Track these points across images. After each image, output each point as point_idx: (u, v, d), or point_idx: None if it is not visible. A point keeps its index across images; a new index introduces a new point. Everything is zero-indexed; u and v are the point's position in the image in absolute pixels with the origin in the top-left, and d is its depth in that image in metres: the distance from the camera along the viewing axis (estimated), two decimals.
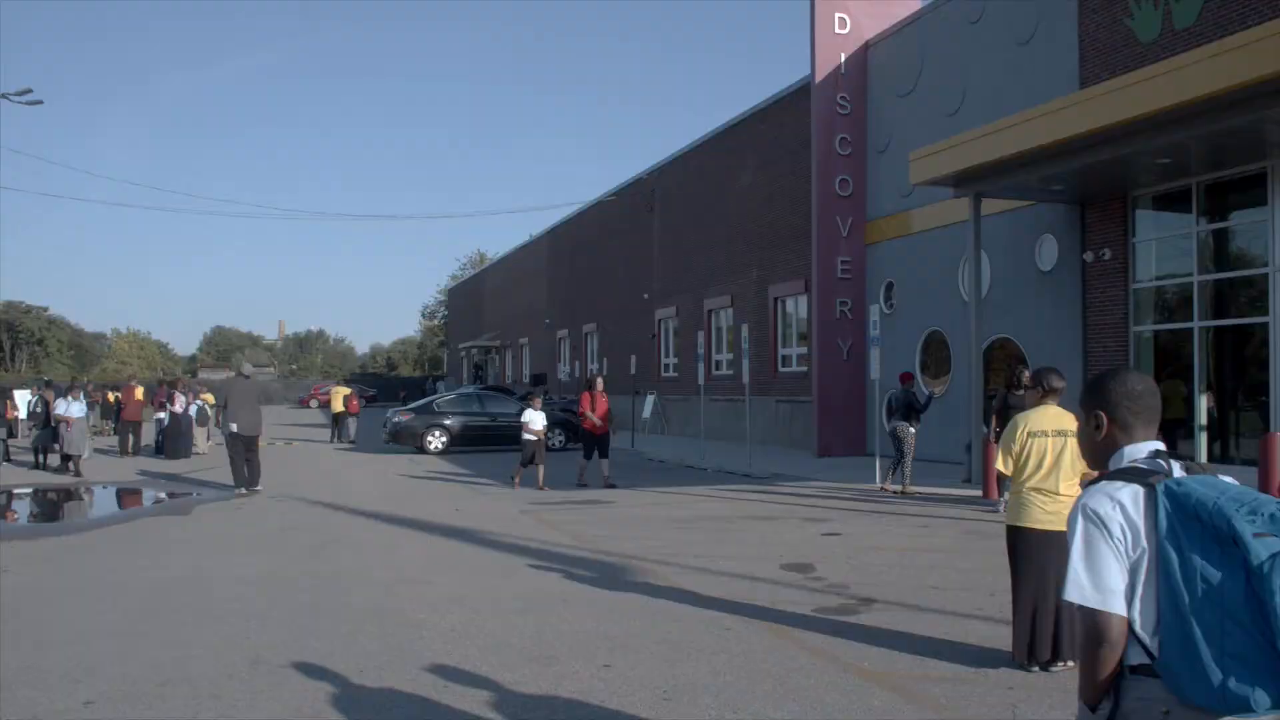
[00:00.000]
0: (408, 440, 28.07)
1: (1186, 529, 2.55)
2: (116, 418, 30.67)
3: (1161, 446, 2.85)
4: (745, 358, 23.50)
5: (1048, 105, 15.43)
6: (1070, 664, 6.56)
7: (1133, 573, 2.65)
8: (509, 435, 28.71)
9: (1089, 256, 18.17)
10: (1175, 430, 17.25)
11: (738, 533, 12.98)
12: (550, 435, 28.99)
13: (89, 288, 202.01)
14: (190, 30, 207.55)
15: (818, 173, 25.04)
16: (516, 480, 18.58)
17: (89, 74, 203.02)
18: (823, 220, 25.05)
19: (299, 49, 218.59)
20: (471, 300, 73.11)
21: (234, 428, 17.92)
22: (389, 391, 75.38)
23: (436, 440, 27.97)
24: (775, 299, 28.80)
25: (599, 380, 19.16)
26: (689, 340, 32.13)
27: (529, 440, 18.51)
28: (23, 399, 30.02)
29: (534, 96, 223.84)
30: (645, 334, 37.97)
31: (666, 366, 37.05)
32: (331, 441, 33.59)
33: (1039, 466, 6.66)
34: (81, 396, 23.41)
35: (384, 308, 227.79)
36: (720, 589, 9.38)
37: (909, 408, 16.95)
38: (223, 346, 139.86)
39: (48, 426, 23.86)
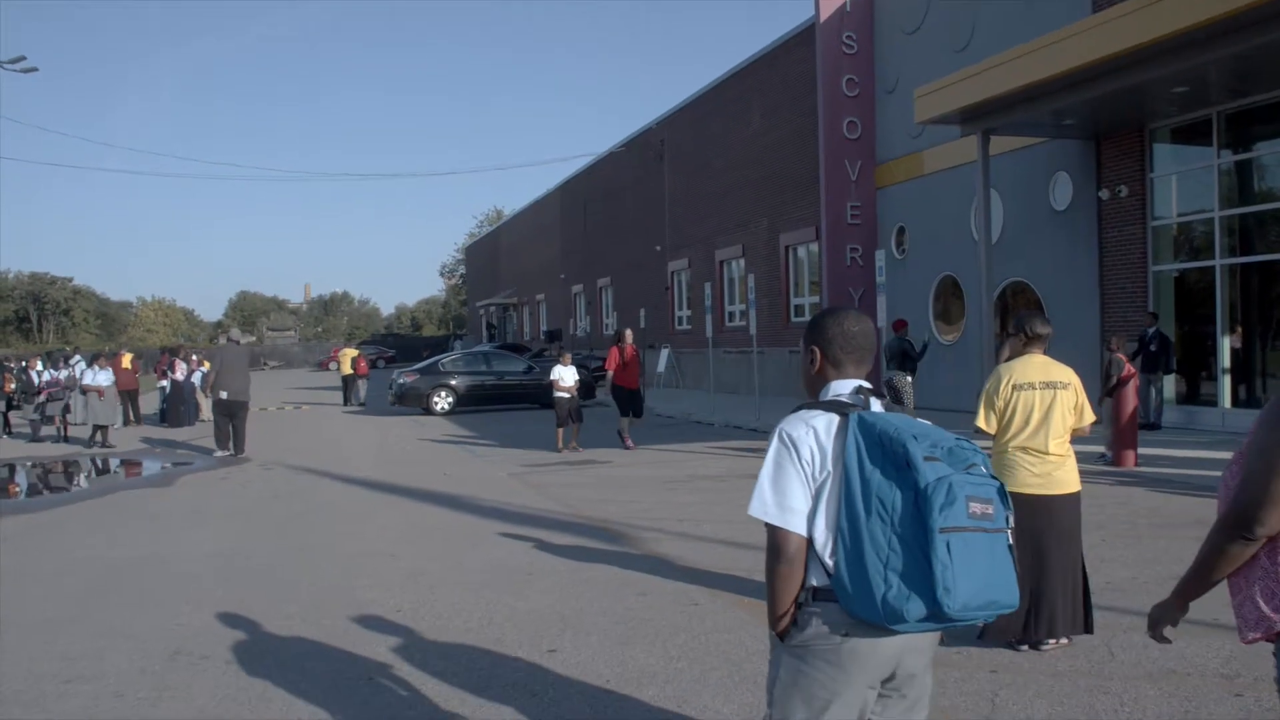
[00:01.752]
0: (413, 402, 27.54)
1: (871, 454, 2.69)
2: None
3: (867, 385, 2.96)
4: (752, 309, 22.77)
5: (1056, 33, 14.52)
6: (1064, 641, 5.91)
7: (817, 495, 2.77)
8: (516, 394, 28.32)
9: (1105, 194, 17.33)
10: (1198, 373, 16.50)
11: (731, 494, 12.35)
12: None
13: (114, 257, 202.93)
14: None
15: (824, 115, 24.18)
16: (560, 442, 17.72)
17: (110, 43, 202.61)
18: (830, 164, 24.23)
19: (315, 13, 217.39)
20: (488, 258, 72.48)
21: (223, 394, 17.52)
22: (412, 352, 74.75)
23: (442, 401, 27.44)
24: (786, 247, 28.03)
25: (628, 334, 18.19)
26: (701, 292, 31.44)
27: (561, 399, 17.75)
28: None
29: (544, 50, 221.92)
30: (659, 287, 37.29)
31: (680, 319, 36.37)
32: (345, 404, 33.14)
33: (1025, 423, 5.96)
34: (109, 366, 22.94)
35: (408, 268, 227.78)
36: (699, 557, 8.78)
37: (904, 356, 16.24)
38: (248, 311, 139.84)
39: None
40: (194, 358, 28.35)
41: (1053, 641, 5.91)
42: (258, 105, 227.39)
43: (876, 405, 2.91)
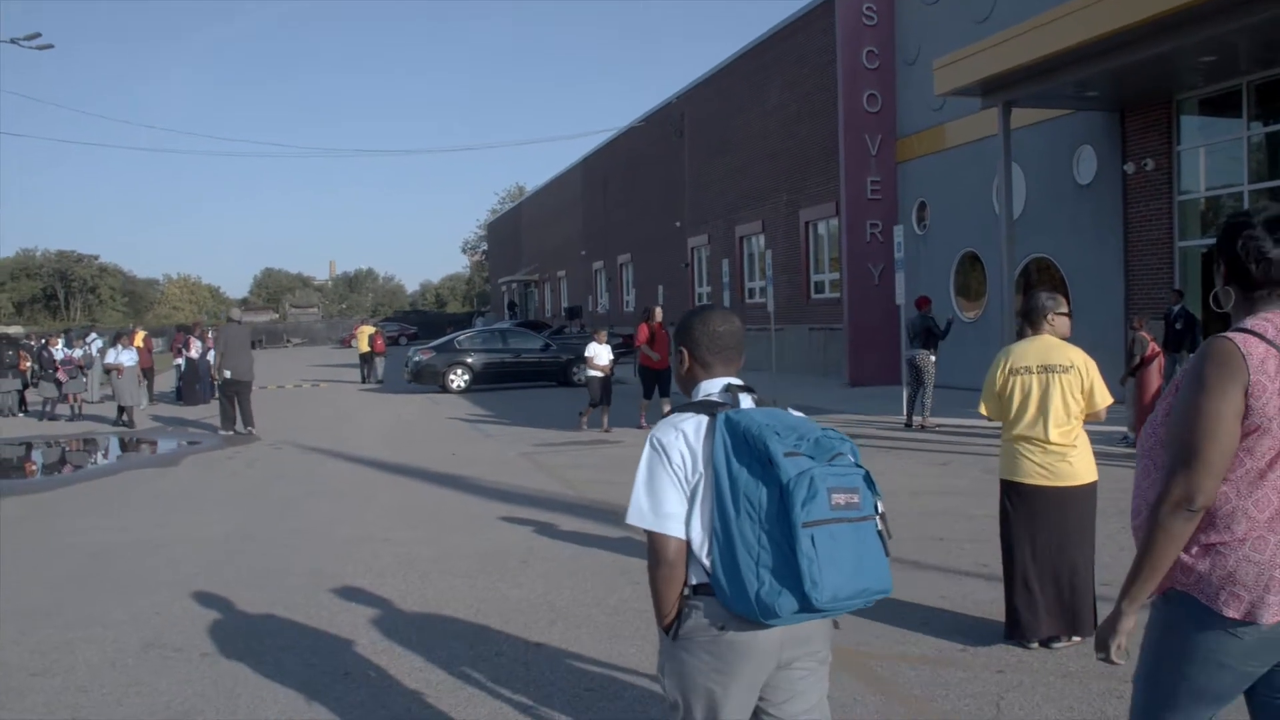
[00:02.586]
0: (429, 379, 27.29)
1: (738, 453, 2.72)
2: None
3: (736, 381, 2.99)
4: (770, 285, 22.39)
5: (1079, 0, 14.04)
6: (1076, 640, 5.58)
7: (692, 497, 2.79)
8: (533, 372, 28.03)
9: (1130, 168, 16.85)
10: None
11: None
12: (576, 370, 28.25)
13: (140, 235, 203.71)
14: None
15: (844, 87, 23.71)
16: (586, 422, 17.37)
17: (135, 21, 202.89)
18: (850, 138, 23.77)
19: None
20: (510, 234, 72.14)
21: (228, 374, 17.38)
22: (435, 329, 74.32)
23: (458, 379, 27.19)
24: (806, 223, 27.59)
25: (658, 310, 17.56)
26: (721, 269, 31.04)
27: (594, 377, 17.33)
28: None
29: (564, 24, 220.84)
30: (679, 263, 36.91)
31: (700, 296, 35.96)
32: (363, 382, 32.98)
33: (1023, 411, 5.59)
34: (132, 345, 22.80)
35: (433, 244, 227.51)
36: None
37: (928, 334, 15.82)
38: (273, 288, 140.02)
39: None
40: (209, 335, 28.21)
41: (1066, 640, 5.59)
42: (282, 81, 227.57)
43: (747, 401, 2.96)
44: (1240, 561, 2.52)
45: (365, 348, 33.22)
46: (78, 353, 24.90)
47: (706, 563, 2.77)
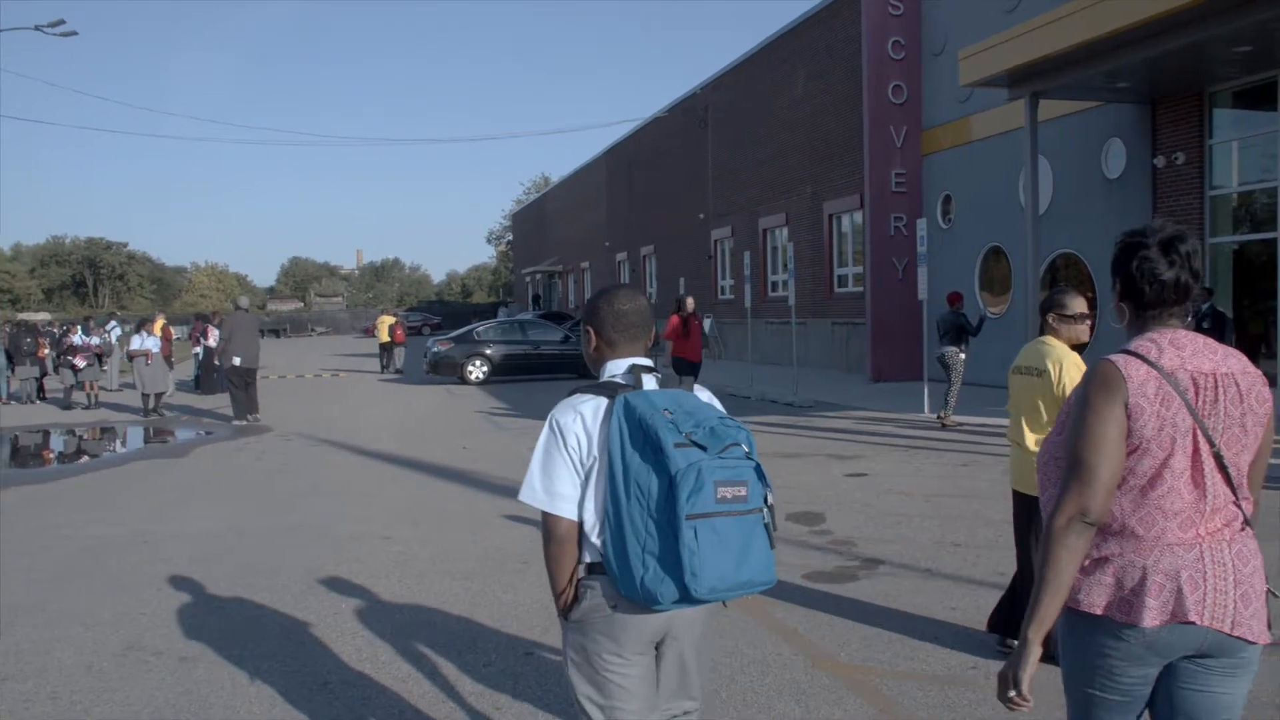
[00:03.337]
0: (448, 371, 27.06)
1: (633, 439, 2.74)
2: None
3: (642, 361, 3.00)
4: (791, 278, 22.06)
5: None
6: None
7: (586, 479, 2.84)
8: (553, 364, 27.74)
9: (1160, 161, 16.42)
10: (1257, 351, 15.64)
11: None
12: None
13: (169, 223, 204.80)
14: None
15: (869, 79, 23.31)
16: None
17: (163, 8, 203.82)
18: (875, 130, 23.38)
19: None
20: (535, 225, 71.91)
21: (236, 361, 17.25)
22: (460, 319, 74.04)
23: (477, 370, 26.96)
24: (830, 216, 27.23)
25: (689, 301, 16.81)
26: (744, 261, 30.71)
27: None
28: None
29: (590, 16, 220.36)
30: (702, 256, 36.59)
31: (723, 289, 35.66)
32: (382, 371, 32.85)
33: (1012, 414, 5.44)
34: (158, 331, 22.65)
35: (459, 235, 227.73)
36: None
37: (959, 330, 15.44)
38: (299, 277, 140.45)
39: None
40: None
41: None
42: (312, 69, 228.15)
43: (650, 383, 2.96)
44: (1125, 567, 2.59)
45: (385, 338, 33.12)
46: (95, 340, 24.77)
47: (598, 544, 2.83)
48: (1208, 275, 15.84)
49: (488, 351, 27.30)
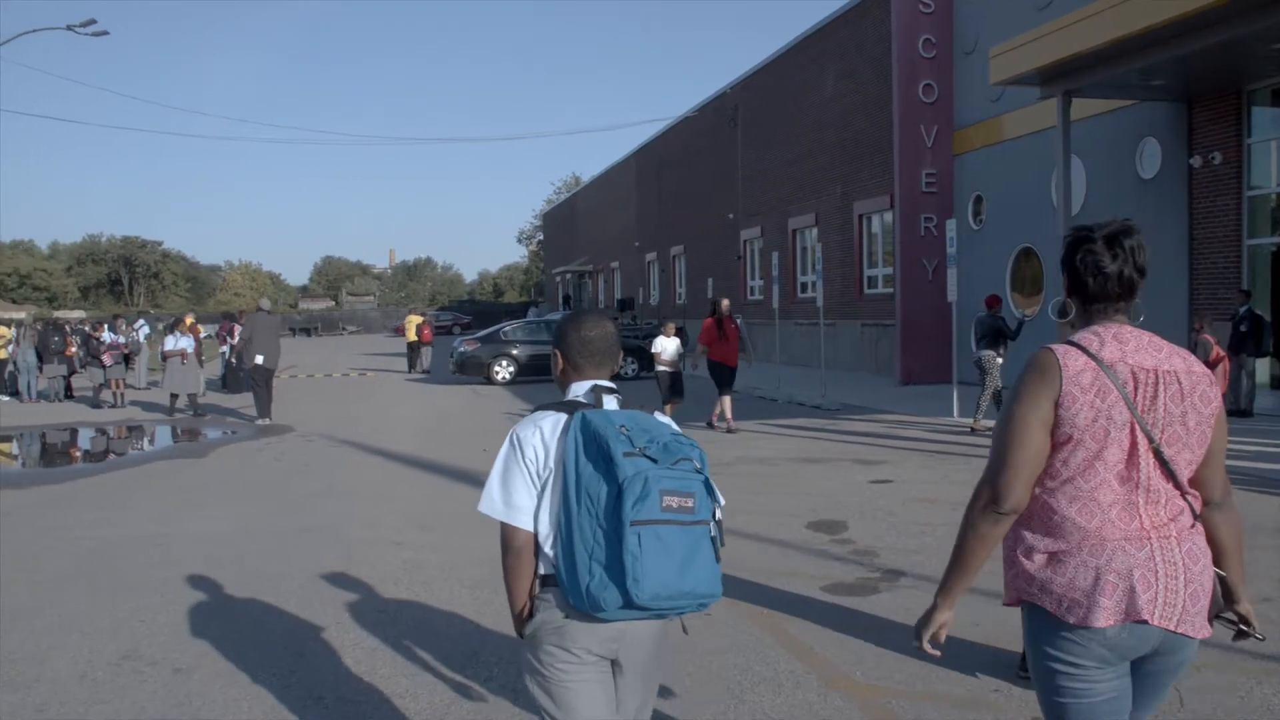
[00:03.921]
0: (474, 371, 26.95)
1: (587, 450, 2.80)
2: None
3: (604, 384, 3.10)
4: (820, 279, 21.79)
5: None
6: None
7: (542, 491, 2.90)
8: None
9: (1196, 161, 16.07)
10: None
11: (776, 479, 11.54)
12: (623, 364, 27.83)
13: (204, 222, 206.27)
14: None
15: (899, 78, 23.01)
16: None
17: (196, 7, 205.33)
18: (905, 129, 23.08)
19: None
20: (565, 225, 71.85)
21: (259, 360, 17.18)
22: (490, 319, 73.82)
23: (503, 370, 26.83)
24: (860, 216, 26.94)
25: (725, 303, 16.43)
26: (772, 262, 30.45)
27: (662, 373, 16.22)
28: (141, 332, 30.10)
29: (623, 17, 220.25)
30: (731, 256, 36.34)
31: (752, 289, 35.39)
32: (410, 371, 32.81)
33: None
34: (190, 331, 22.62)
35: (491, 234, 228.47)
36: (725, 556, 7.96)
37: (997, 334, 15.09)
38: (332, 276, 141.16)
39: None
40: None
41: None
42: (346, 69, 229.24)
43: (610, 403, 3.03)
44: (1079, 568, 2.58)
45: (413, 337, 33.10)
46: (121, 339, 24.79)
47: (551, 555, 2.88)
48: (1245, 278, 15.48)
49: (514, 352, 27.17)
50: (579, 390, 3.10)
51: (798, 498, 10.37)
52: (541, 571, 2.93)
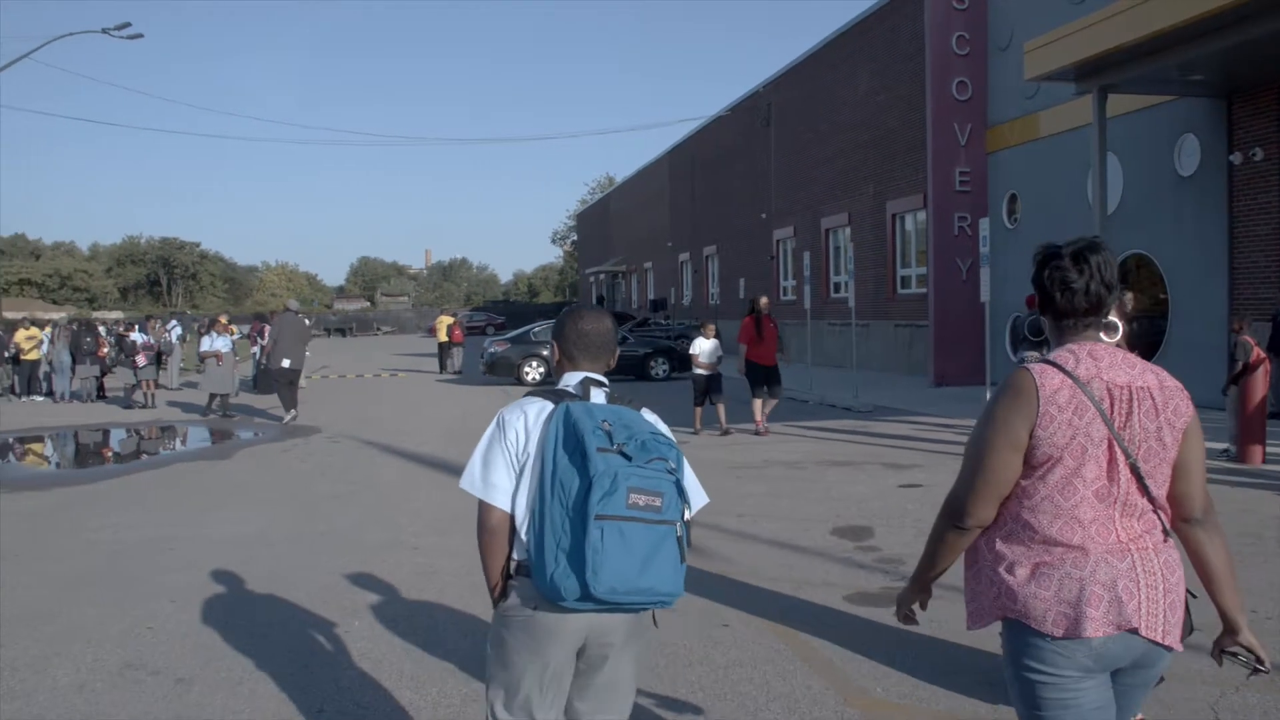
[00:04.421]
0: (504, 371, 26.84)
1: (566, 442, 2.88)
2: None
3: (595, 376, 3.17)
4: (850, 279, 21.53)
5: None
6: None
7: (521, 475, 3.00)
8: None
9: (1236, 158, 15.70)
10: None
11: (804, 483, 11.32)
12: (654, 364, 27.65)
13: (241, 223, 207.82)
14: None
15: (933, 75, 22.70)
16: (698, 422, 16.03)
17: (233, 10, 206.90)
18: (939, 127, 22.76)
19: None
20: (599, 225, 71.75)
21: (285, 363, 17.12)
22: (524, 319, 73.59)
23: (534, 371, 26.70)
24: (893, 215, 26.63)
25: (764, 302, 16.00)
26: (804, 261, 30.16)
27: (698, 375, 15.92)
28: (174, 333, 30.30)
29: (655, 18, 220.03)
30: (764, 256, 36.07)
31: (785, 289, 35.11)
32: (441, 372, 32.76)
33: None
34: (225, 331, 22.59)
35: (526, 234, 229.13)
36: (745, 562, 7.81)
37: (1038, 334, 14.80)
38: (368, 277, 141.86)
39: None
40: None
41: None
42: (380, 72, 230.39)
43: (598, 396, 3.11)
44: (1063, 579, 2.58)
45: (444, 337, 33.05)
46: (151, 339, 24.84)
47: (526, 540, 2.95)
48: None
49: (544, 352, 27.00)
50: (570, 381, 3.18)
51: (824, 502, 10.15)
52: (517, 558, 2.99)
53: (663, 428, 3.13)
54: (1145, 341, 17.18)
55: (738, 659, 5.66)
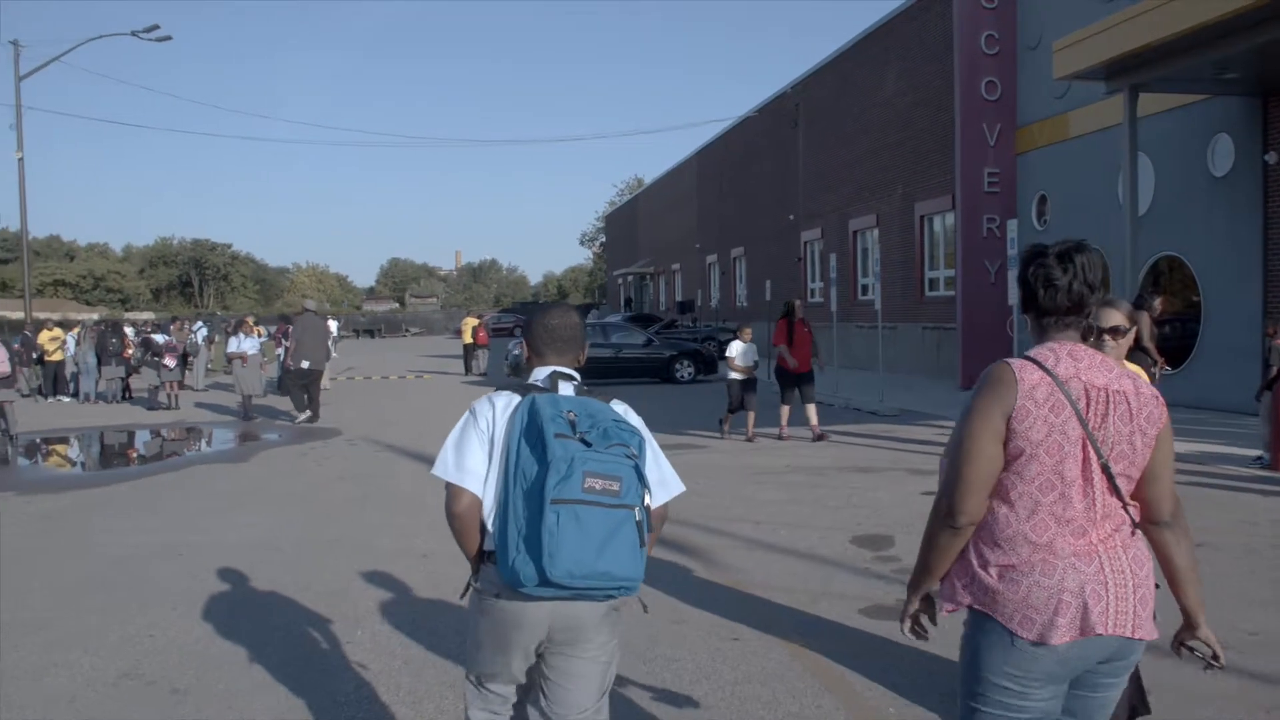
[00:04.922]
0: (527, 373, 26.62)
1: (529, 431, 2.95)
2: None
3: (565, 370, 3.29)
4: (876, 281, 21.29)
5: None
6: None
7: (489, 462, 3.08)
8: (635, 368, 27.13)
9: (1271, 158, 15.36)
10: None
11: (824, 489, 11.11)
12: (679, 367, 27.43)
13: (272, 224, 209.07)
14: None
15: (961, 75, 22.41)
16: (728, 426, 15.83)
17: (266, 12, 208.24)
18: (967, 128, 22.47)
19: None
20: (627, 226, 71.59)
21: (305, 364, 17.09)
22: None
23: None
24: (921, 217, 26.34)
25: (798, 305, 15.66)
26: (830, 264, 29.88)
27: (733, 380, 15.46)
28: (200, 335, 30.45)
29: (682, 19, 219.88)
30: (792, 258, 35.81)
31: (812, 292, 34.82)
32: (466, 373, 32.71)
33: None
34: (253, 333, 22.54)
35: (556, 236, 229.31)
36: (760, 573, 7.62)
37: None
38: (398, 278, 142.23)
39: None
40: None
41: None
42: (411, 73, 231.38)
43: (566, 389, 3.16)
44: (1032, 586, 2.60)
45: (469, 339, 33.00)
46: (174, 340, 24.85)
47: (492, 530, 3.02)
48: None
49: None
50: (539, 375, 3.26)
51: (843, 510, 9.94)
52: (487, 547, 3.05)
53: (632, 418, 3.18)
54: (1177, 345, 16.87)
55: (746, 674, 5.49)
